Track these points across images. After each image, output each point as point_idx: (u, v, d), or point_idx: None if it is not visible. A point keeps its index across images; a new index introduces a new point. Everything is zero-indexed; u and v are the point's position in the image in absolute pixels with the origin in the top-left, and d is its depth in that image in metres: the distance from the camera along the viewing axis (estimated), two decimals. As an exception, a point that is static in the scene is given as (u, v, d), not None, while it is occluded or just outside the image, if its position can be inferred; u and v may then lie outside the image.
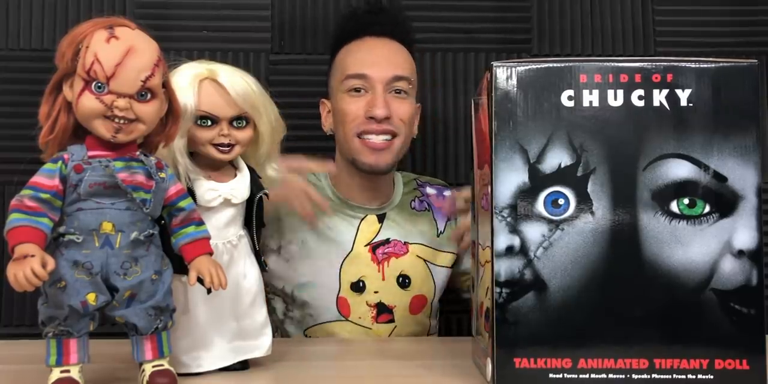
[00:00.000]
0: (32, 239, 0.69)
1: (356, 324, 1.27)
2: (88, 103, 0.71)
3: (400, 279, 1.30)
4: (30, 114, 0.77)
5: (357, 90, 1.26)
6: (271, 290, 1.30)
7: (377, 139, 1.26)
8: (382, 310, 1.28)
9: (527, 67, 0.75)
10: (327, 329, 1.28)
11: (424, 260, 1.33)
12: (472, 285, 0.95)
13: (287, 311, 1.31)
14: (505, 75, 0.75)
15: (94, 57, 0.71)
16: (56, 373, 0.72)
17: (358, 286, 1.27)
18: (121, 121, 0.72)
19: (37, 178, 0.72)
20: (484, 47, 1.58)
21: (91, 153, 0.74)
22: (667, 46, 1.58)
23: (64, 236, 0.72)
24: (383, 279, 1.28)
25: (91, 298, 0.72)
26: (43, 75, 0.77)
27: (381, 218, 1.32)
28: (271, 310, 1.29)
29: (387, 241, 1.31)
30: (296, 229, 1.28)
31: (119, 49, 0.71)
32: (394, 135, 1.27)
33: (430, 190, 1.40)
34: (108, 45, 0.71)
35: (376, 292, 1.28)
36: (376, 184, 1.33)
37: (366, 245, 1.30)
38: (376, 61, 1.27)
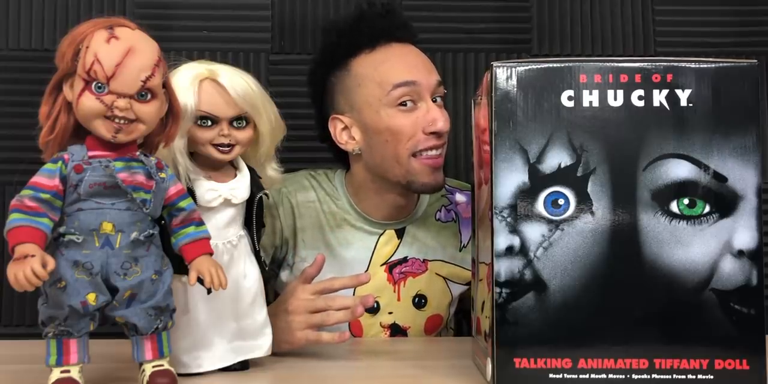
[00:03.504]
0: (32, 239, 0.69)
1: None
2: (89, 103, 0.71)
3: (416, 299, 1.24)
4: (30, 114, 0.77)
5: (404, 104, 1.14)
6: None
7: (436, 155, 1.16)
8: (396, 331, 1.22)
9: (527, 67, 0.75)
10: None
11: (444, 277, 1.26)
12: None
13: None
14: (505, 75, 0.75)
15: (94, 57, 0.71)
16: (56, 373, 0.72)
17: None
18: (122, 121, 0.72)
19: (37, 178, 0.72)
20: (485, 47, 1.58)
21: (91, 153, 0.74)
22: (667, 46, 1.58)
23: (64, 236, 0.72)
24: (399, 299, 1.22)
25: (91, 298, 0.72)
26: (43, 75, 0.77)
27: (400, 233, 1.25)
28: None
29: (404, 260, 1.24)
30: (310, 246, 1.22)
31: (119, 50, 0.71)
32: (442, 148, 1.18)
33: (459, 198, 1.30)
34: (108, 45, 0.71)
35: (390, 313, 1.22)
36: (407, 200, 1.24)
37: (382, 265, 1.23)
38: (418, 67, 1.16)
